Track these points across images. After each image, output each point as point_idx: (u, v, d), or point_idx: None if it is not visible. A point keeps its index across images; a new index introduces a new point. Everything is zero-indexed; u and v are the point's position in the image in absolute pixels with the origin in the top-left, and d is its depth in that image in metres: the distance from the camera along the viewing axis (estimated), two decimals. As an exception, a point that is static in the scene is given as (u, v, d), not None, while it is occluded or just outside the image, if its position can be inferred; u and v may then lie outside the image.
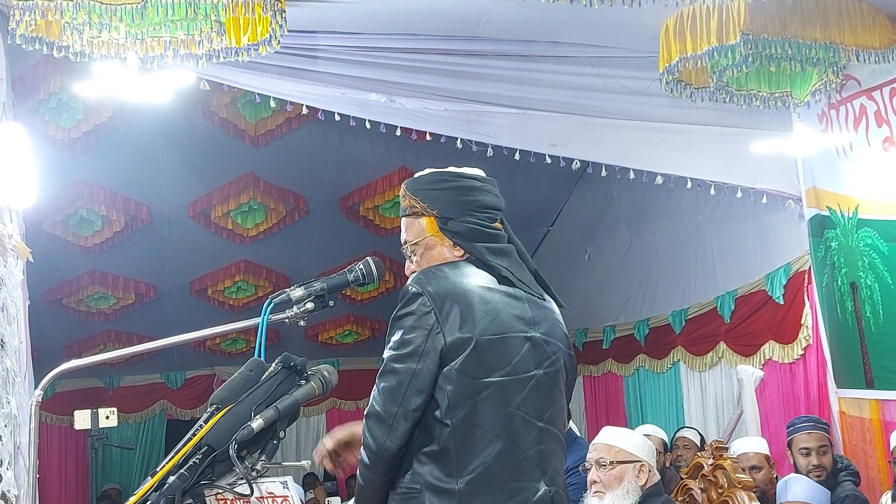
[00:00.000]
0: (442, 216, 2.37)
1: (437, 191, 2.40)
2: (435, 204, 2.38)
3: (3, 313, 3.95)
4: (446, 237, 2.37)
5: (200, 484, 1.81)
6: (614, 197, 8.05)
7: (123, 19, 3.67)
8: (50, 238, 7.44)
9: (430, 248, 2.38)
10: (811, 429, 4.76)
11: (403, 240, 2.42)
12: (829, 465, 4.65)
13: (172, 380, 10.18)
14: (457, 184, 2.41)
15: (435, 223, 2.37)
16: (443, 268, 2.32)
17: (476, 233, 2.37)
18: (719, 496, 3.58)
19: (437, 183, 2.42)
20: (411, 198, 2.41)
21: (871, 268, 5.08)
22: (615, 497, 3.30)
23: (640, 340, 7.86)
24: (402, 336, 2.21)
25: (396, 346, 2.22)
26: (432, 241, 2.38)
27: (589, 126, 5.41)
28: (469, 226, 2.36)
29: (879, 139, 4.90)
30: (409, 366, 2.18)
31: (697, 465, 3.80)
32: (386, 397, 2.18)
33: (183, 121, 6.77)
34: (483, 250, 2.36)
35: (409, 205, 2.41)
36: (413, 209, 2.40)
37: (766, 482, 4.57)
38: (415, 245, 2.39)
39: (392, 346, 2.23)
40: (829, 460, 4.66)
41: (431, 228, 2.38)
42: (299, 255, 8.60)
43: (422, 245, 2.38)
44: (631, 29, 4.76)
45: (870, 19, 4.35)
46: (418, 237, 2.38)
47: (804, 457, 4.66)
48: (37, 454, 2.40)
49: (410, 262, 2.43)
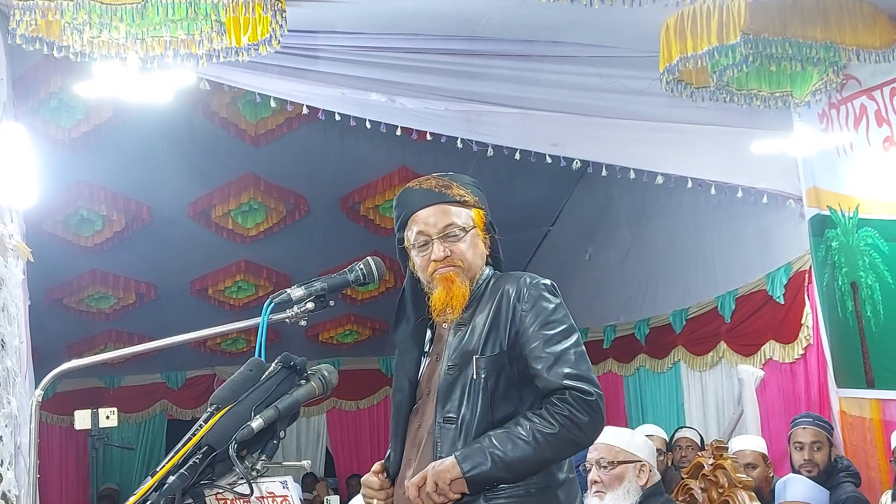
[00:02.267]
0: (487, 218, 2.43)
1: (480, 191, 2.46)
2: (482, 201, 2.44)
3: (3, 313, 3.95)
4: (485, 233, 2.42)
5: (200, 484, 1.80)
6: (614, 197, 8.05)
7: (124, 19, 3.68)
8: (50, 238, 7.44)
9: (474, 240, 2.40)
10: (808, 424, 4.77)
11: (449, 222, 2.36)
12: (822, 462, 4.64)
13: (173, 380, 10.19)
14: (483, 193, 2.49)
15: (483, 218, 2.42)
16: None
17: (497, 245, 2.47)
18: (720, 496, 3.58)
19: (477, 185, 2.48)
20: (461, 188, 2.41)
21: (872, 267, 5.08)
22: (616, 497, 3.30)
23: (641, 340, 7.86)
24: (565, 312, 2.30)
25: (566, 315, 2.29)
26: (477, 234, 2.40)
27: (589, 126, 5.41)
28: (495, 237, 2.47)
29: (880, 139, 4.90)
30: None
31: (698, 465, 3.80)
32: (584, 359, 2.26)
33: (183, 121, 6.78)
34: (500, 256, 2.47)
35: (459, 194, 2.40)
36: (463, 199, 2.40)
37: (762, 480, 4.57)
38: (462, 230, 2.37)
39: (561, 313, 2.29)
40: (822, 457, 4.66)
41: (479, 221, 2.41)
42: (300, 254, 8.60)
43: (466, 231, 2.38)
44: (631, 29, 4.76)
45: (870, 19, 4.35)
46: (464, 223, 2.38)
47: (797, 451, 4.69)
48: (37, 454, 2.40)
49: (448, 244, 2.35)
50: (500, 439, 2.18)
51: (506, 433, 2.19)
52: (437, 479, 2.16)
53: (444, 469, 2.17)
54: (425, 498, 2.17)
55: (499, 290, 2.34)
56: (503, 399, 2.25)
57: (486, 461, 2.15)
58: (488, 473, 2.15)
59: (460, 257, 2.35)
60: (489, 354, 2.27)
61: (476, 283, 2.38)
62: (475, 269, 2.38)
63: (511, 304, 2.29)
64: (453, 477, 2.16)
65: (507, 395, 2.26)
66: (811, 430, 4.74)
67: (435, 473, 2.17)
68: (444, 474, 2.16)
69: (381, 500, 2.37)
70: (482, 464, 2.16)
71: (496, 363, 2.26)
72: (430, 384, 2.37)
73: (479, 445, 2.18)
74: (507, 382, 2.27)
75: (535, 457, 2.17)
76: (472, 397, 2.25)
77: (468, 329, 2.33)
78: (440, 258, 2.35)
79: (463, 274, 2.36)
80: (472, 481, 2.16)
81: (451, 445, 2.24)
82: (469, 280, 2.37)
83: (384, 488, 2.38)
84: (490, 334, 2.29)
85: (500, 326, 2.29)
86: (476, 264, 2.38)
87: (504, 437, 2.18)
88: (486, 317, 2.31)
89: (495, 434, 2.20)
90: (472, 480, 2.16)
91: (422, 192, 2.41)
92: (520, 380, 2.27)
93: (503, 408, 2.25)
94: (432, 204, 2.39)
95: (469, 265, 2.36)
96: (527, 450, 2.16)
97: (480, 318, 2.32)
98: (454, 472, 2.16)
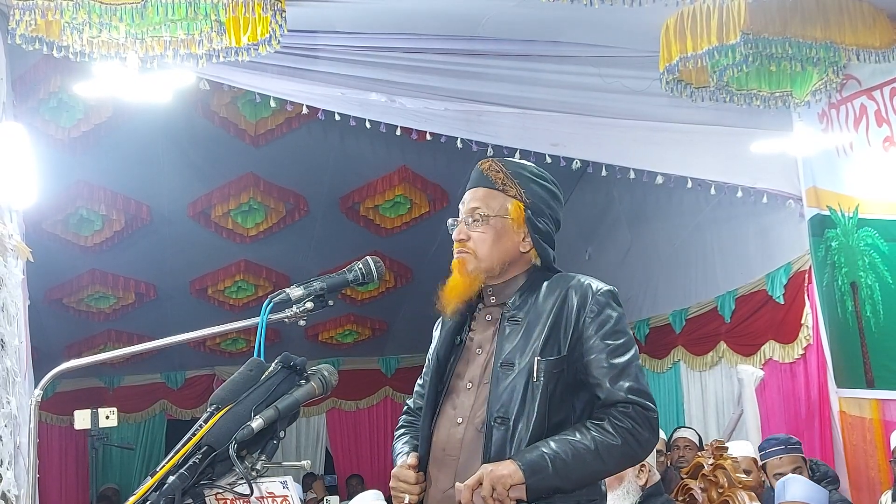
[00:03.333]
0: (532, 209, 2.33)
1: (535, 184, 2.36)
2: (530, 194, 2.34)
3: (3, 313, 3.95)
4: (526, 228, 2.32)
5: (200, 484, 1.80)
6: (614, 197, 8.05)
7: (123, 19, 3.67)
8: (50, 238, 7.44)
9: (500, 231, 2.30)
10: (782, 452, 4.54)
11: (473, 207, 2.32)
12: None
13: (173, 380, 10.18)
14: (552, 189, 2.39)
15: (522, 211, 2.32)
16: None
17: (550, 239, 2.36)
18: (719, 496, 3.58)
19: (537, 177, 2.38)
20: (508, 177, 2.34)
21: (872, 267, 5.08)
22: (615, 497, 3.30)
23: (641, 340, 7.86)
24: (626, 323, 2.28)
25: (627, 326, 2.28)
26: (508, 225, 2.31)
27: (589, 126, 5.41)
28: (549, 230, 2.35)
29: (880, 139, 4.90)
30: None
31: (698, 465, 3.79)
32: (643, 374, 2.27)
33: (183, 120, 6.78)
34: (551, 255, 2.35)
35: (501, 180, 2.33)
36: (505, 186, 2.33)
37: (755, 486, 4.54)
38: (486, 217, 2.30)
39: (624, 324, 2.27)
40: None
41: (515, 213, 2.31)
42: (299, 254, 8.60)
43: (494, 222, 2.30)
44: (631, 29, 4.76)
45: (870, 19, 4.35)
46: (493, 212, 2.31)
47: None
48: (37, 454, 2.39)
49: (467, 228, 2.32)
50: (562, 447, 2.10)
51: (567, 441, 2.11)
52: (496, 483, 2.05)
53: (505, 474, 2.06)
54: (479, 501, 2.06)
55: (560, 292, 2.26)
56: (559, 405, 2.18)
57: (547, 468, 2.07)
58: (549, 482, 2.07)
59: (474, 245, 2.30)
60: (550, 357, 2.19)
61: (502, 277, 2.31)
62: (490, 261, 2.29)
63: (575, 309, 2.22)
64: (514, 482, 2.06)
65: (563, 402, 2.19)
66: (789, 458, 4.51)
67: (493, 477, 2.06)
68: (504, 479, 2.05)
69: (416, 494, 2.24)
70: (544, 470, 2.07)
71: (556, 367, 2.19)
72: (471, 376, 2.29)
73: (540, 451, 2.09)
74: (563, 388, 2.19)
75: (594, 468, 2.12)
76: (529, 399, 2.16)
77: (522, 326, 2.24)
78: (456, 238, 2.33)
79: (474, 262, 2.29)
80: (533, 488, 2.07)
81: (501, 447, 2.14)
82: (483, 272, 2.29)
83: (419, 482, 2.26)
84: (551, 336, 2.21)
85: (561, 329, 2.21)
86: (493, 257, 2.29)
87: (566, 446, 2.10)
88: (545, 317, 2.23)
89: (556, 440, 2.11)
90: (534, 487, 2.07)
91: (476, 172, 2.39)
92: (574, 387, 2.21)
93: (557, 414, 2.18)
94: (476, 186, 2.37)
95: (482, 256, 2.29)
96: (587, 460, 2.09)
97: (537, 317, 2.24)
98: (515, 478, 2.06)
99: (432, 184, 8.04)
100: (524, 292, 2.30)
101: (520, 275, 2.33)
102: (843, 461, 5.43)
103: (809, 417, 5.80)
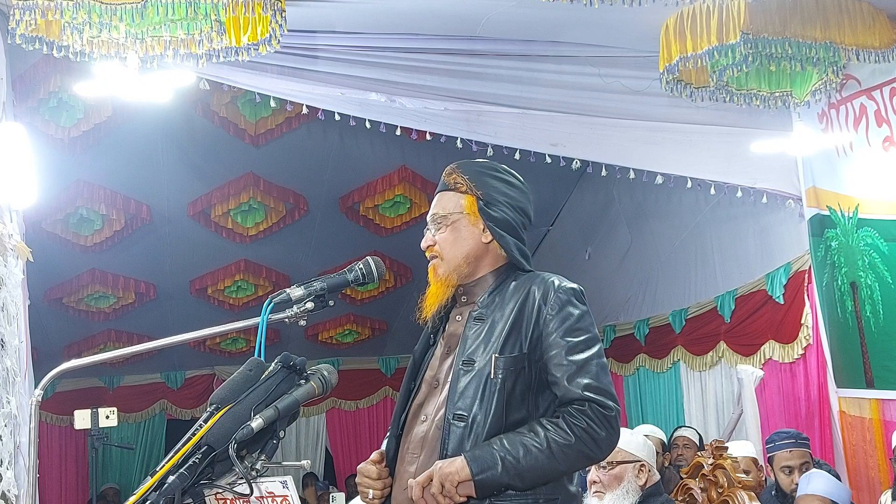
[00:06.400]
0: (485, 199, 2.35)
1: (488, 177, 2.38)
2: (481, 186, 2.36)
3: (3, 313, 3.95)
4: (481, 219, 2.33)
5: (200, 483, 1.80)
6: (614, 197, 8.05)
7: (123, 19, 3.68)
8: (50, 237, 7.44)
9: (457, 227, 2.34)
10: (792, 446, 4.52)
11: (433, 213, 2.38)
12: None
13: (172, 379, 10.18)
14: (507, 179, 2.40)
15: (475, 203, 2.35)
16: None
17: (510, 227, 2.35)
18: (719, 496, 3.58)
19: (489, 170, 2.41)
20: (458, 174, 2.39)
21: (872, 267, 5.08)
22: (615, 497, 3.30)
23: (640, 340, 7.86)
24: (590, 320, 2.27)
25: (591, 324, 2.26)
26: (464, 220, 2.34)
27: (589, 126, 5.41)
28: (507, 218, 2.35)
29: (879, 139, 4.90)
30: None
31: (697, 465, 3.79)
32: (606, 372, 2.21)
33: (183, 120, 6.78)
34: (513, 245, 2.34)
35: (454, 180, 2.38)
36: (456, 184, 2.37)
37: (755, 486, 4.53)
38: (442, 218, 2.35)
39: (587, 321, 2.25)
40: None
41: (469, 207, 2.34)
42: (299, 254, 8.60)
43: (449, 220, 2.34)
44: (631, 29, 4.76)
45: (870, 19, 4.35)
46: (447, 211, 2.35)
47: (787, 475, 4.46)
48: (37, 454, 2.40)
49: (433, 235, 2.37)
50: (512, 444, 2.10)
51: (519, 438, 2.11)
52: (445, 479, 2.08)
53: (452, 470, 2.08)
54: (429, 498, 2.09)
55: (524, 290, 2.26)
56: (519, 403, 2.17)
57: (496, 466, 2.07)
58: (498, 479, 2.07)
59: (439, 248, 2.34)
60: (509, 354, 2.19)
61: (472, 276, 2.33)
62: (456, 259, 2.32)
63: (536, 306, 2.23)
64: (461, 479, 2.07)
65: (523, 400, 2.18)
66: (798, 452, 4.49)
67: (442, 474, 2.08)
68: (452, 476, 2.07)
69: (378, 490, 2.25)
70: (493, 468, 2.07)
71: (515, 364, 2.18)
72: (439, 376, 2.29)
73: (491, 448, 2.10)
74: (524, 386, 2.19)
75: (547, 466, 2.10)
76: (487, 397, 2.16)
77: (486, 324, 2.25)
78: (424, 247, 2.37)
79: (443, 265, 2.33)
80: (480, 485, 2.08)
81: (459, 444, 2.15)
82: (453, 272, 2.32)
83: (382, 478, 2.27)
84: (511, 334, 2.21)
85: (522, 327, 2.21)
86: (457, 254, 2.32)
87: (517, 443, 2.10)
88: (508, 315, 2.23)
89: (508, 438, 2.12)
90: (481, 484, 2.08)
91: (439, 182, 2.44)
92: (536, 385, 2.20)
93: (517, 412, 2.17)
94: (437, 192, 2.42)
95: (448, 257, 2.32)
96: (540, 458, 2.09)
97: (501, 315, 2.24)
98: (463, 474, 2.07)
99: (432, 184, 8.01)
100: (492, 291, 2.32)
101: (489, 274, 2.35)
102: (842, 461, 5.43)
103: (809, 417, 5.80)
